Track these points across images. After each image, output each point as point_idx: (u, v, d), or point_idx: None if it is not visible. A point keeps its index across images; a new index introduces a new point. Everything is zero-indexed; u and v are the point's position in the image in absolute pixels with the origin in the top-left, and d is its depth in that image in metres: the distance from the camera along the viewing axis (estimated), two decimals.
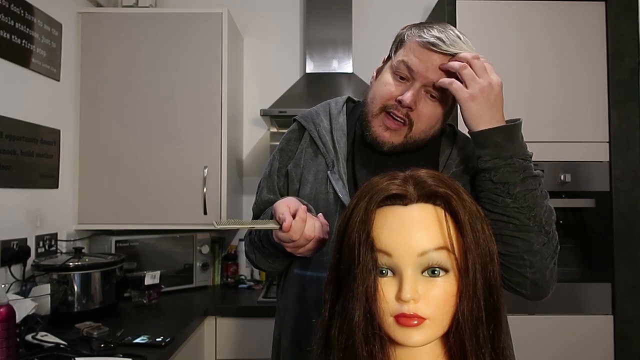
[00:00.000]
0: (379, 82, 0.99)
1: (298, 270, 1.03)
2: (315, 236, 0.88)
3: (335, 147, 1.03)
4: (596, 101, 2.00)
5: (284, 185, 1.09)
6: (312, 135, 1.07)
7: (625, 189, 1.97)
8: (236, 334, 2.06)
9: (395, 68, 0.95)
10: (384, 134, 0.97)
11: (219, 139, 2.24)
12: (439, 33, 0.93)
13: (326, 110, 1.11)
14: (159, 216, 2.22)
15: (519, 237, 0.88)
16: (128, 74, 2.25)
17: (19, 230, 1.81)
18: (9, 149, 1.74)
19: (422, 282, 0.60)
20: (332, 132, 1.06)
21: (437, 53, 0.92)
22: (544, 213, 0.89)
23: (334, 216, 0.98)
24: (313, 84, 2.46)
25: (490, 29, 2.03)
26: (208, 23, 2.26)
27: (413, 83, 0.93)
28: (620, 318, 1.96)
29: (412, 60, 0.93)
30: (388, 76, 0.97)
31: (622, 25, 2.00)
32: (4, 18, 1.71)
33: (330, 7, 2.52)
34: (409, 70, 0.93)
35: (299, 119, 1.12)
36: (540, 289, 0.92)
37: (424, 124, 0.96)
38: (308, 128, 1.08)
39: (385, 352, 0.62)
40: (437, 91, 0.94)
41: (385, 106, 0.96)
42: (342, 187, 0.99)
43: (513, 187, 0.88)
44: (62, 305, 1.77)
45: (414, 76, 0.93)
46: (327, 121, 1.08)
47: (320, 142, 1.05)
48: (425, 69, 0.92)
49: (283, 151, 1.11)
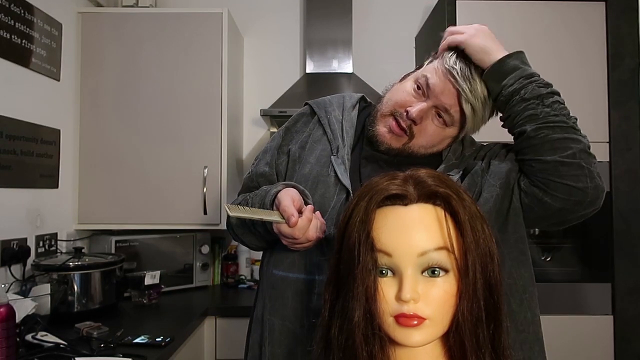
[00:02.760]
0: (401, 86, 1.03)
1: (277, 271, 1.02)
2: (315, 237, 0.88)
3: (343, 135, 1.05)
4: (596, 101, 2.00)
5: (282, 163, 1.09)
6: (321, 121, 1.09)
7: (625, 189, 1.96)
8: (236, 334, 2.05)
9: (418, 79, 0.99)
10: (386, 135, 1.01)
11: (219, 139, 2.24)
12: (465, 64, 0.98)
13: (340, 102, 1.12)
14: (159, 216, 2.22)
15: (569, 138, 0.91)
16: (128, 74, 2.25)
17: (19, 230, 1.81)
18: (9, 149, 1.74)
19: (422, 282, 0.60)
20: (343, 122, 1.07)
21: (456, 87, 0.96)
22: (575, 120, 0.95)
23: (332, 197, 0.99)
24: (313, 84, 2.46)
25: (490, 29, 2.02)
26: (208, 23, 2.26)
27: (426, 100, 0.97)
28: (620, 318, 1.96)
29: (433, 79, 0.97)
30: (409, 84, 1.01)
31: (622, 25, 2.00)
32: (4, 18, 1.71)
33: (330, 7, 2.52)
34: (427, 87, 0.97)
35: (311, 104, 1.13)
36: (597, 188, 0.92)
37: (424, 140, 1.00)
38: (319, 114, 1.10)
39: (385, 352, 0.62)
40: (446, 116, 0.97)
41: (395, 111, 1.00)
42: (344, 171, 1.00)
43: (547, 98, 0.93)
44: (62, 305, 1.77)
45: (429, 94, 0.97)
46: (339, 111, 1.10)
47: (329, 128, 1.07)
48: (441, 91, 0.96)
49: (289, 130, 1.13)
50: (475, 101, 0.96)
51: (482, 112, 0.98)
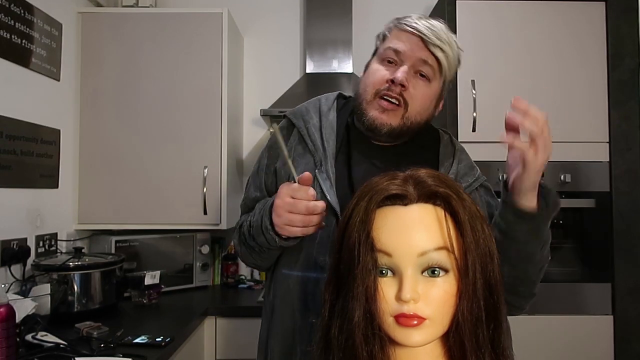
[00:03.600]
0: (369, 72, 1.02)
1: (285, 270, 1.03)
2: (319, 206, 0.88)
3: (324, 145, 1.03)
4: (596, 101, 2.00)
5: (271, 183, 1.08)
6: (301, 133, 1.06)
7: (625, 189, 1.96)
8: (236, 334, 2.06)
9: (383, 55, 0.99)
10: (381, 116, 0.98)
11: (219, 139, 2.24)
12: (417, 19, 0.98)
13: (316, 106, 1.10)
14: (159, 216, 2.22)
15: (529, 264, 0.91)
16: (128, 74, 2.25)
17: (19, 230, 1.81)
18: (9, 149, 1.74)
19: (422, 282, 0.60)
20: (322, 130, 1.05)
21: (418, 36, 0.96)
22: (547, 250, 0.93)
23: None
24: (313, 84, 2.46)
25: (490, 29, 2.03)
26: (208, 23, 2.26)
27: (402, 64, 0.97)
28: (620, 318, 1.96)
29: (397, 44, 0.97)
30: (375, 64, 1.00)
31: (622, 25, 2.00)
32: (4, 18, 1.71)
33: (330, 7, 2.52)
34: (396, 53, 0.97)
35: (289, 115, 1.11)
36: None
37: (418, 104, 0.98)
38: (297, 125, 1.08)
39: (385, 352, 0.62)
40: (426, 69, 0.97)
41: (378, 90, 0.98)
42: (330, 187, 0.99)
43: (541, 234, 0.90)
44: (62, 305, 1.77)
45: (402, 57, 0.97)
46: (316, 118, 1.07)
47: (309, 139, 1.04)
48: (410, 49, 0.96)
49: (272, 148, 1.11)
50: (441, 43, 0.96)
51: (451, 52, 0.98)
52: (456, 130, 2.00)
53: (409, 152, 1.03)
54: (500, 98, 2.00)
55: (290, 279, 1.01)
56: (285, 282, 1.02)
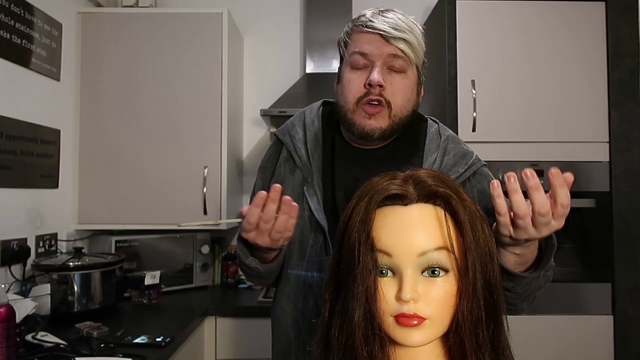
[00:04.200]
0: (343, 83, 1.01)
1: (291, 271, 1.04)
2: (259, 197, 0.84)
3: (310, 160, 1.03)
4: (596, 101, 2.00)
5: None
6: (288, 149, 1.08)
7: (625, 189, 1.96)
8: (236, 334, 2.06)
9: (351, 63, 0.98)
10: (370, 122, 0.97)
11: (219, 139, 2.24)
12: (372, 16, 0.97)
13: (301, 119, 1.11)
14: (159, 216, 2.22)
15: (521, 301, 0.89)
16: (128, 74, 2.25)
17: (19, 230, 1.81)
18: (9, 149, 1.74)
19: (422, 282, 0.60)
20: (307, 144, 1.06)
21: (378, 34, 0.95)
22: (546, 282, 0.88)
23: (309, 235, 0.99)
24: (313, 84, 2.46)
25: (490, 29, 2.03)
26: (208, 23, 2.26)
27: (373, 65, 0.96)
28: (620, 318, 1.95)
29: (362, 47, 0.96)
30: (348, 74, 0.99)
31: (622, 25, 2.00)
32: (4, 18, 1.71)
33: (330, 7, 2.52)
34: (363, 55, 0.96)
35: (276, 133, 1.12)
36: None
37: (400, 98, 0.98)
38: (285, 142, 1.09)
39: (385, 352, 0.62)
40: (398, 62, 0.96)
41: (359, 98, 0.97)
42: (317, 203, 1.00)
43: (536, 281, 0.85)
44: (62, 305, 1.77)
45: (370, 58, 0.96)
46: (302, 132, 1.08)
47: (297, 155, 1.05)
48: (376, 47, 0.95)
49: (265, 168, 1.12)
50: (402, 33, 0.95)
51: (414, 38, 0.97)
52: (456, 130, 1.99)
53: (396, 151, 1.03)
54: (500, 98, 2.01)
55: (294, 278, 1.02)
56: (289, 282, 1.03)
